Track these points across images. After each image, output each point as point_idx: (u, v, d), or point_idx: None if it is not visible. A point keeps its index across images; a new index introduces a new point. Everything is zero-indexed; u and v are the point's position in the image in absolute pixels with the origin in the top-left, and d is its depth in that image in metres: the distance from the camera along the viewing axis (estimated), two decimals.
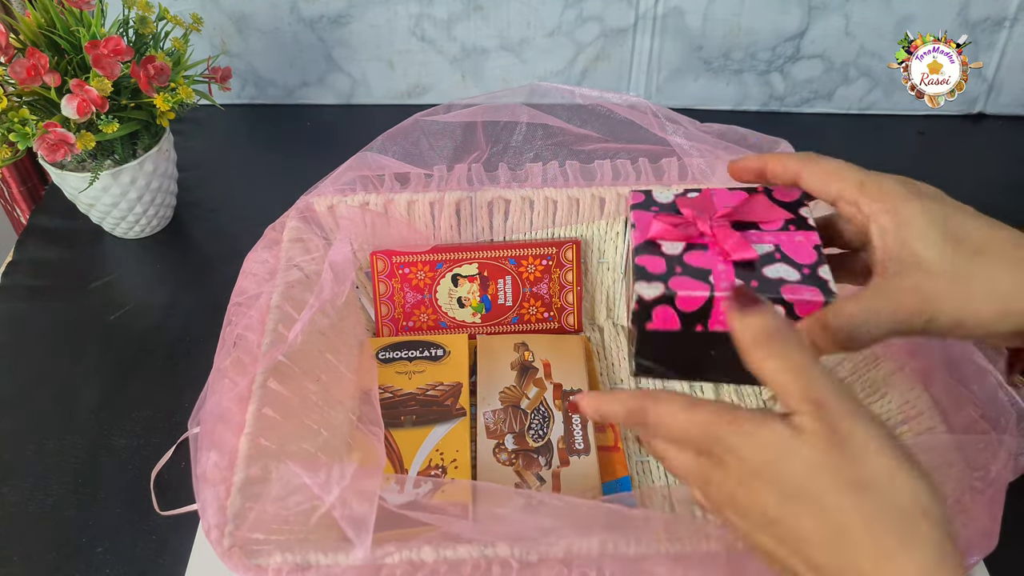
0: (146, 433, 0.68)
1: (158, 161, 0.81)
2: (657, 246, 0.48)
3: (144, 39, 0.78)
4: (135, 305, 0.80)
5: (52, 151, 0.70)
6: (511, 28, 0.97)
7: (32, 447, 0.68)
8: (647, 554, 0.46)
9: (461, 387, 0.67)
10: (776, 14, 0.94)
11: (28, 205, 0.98)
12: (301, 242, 0.66)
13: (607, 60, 0.99)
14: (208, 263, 0.85)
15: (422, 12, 0.96)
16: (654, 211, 0.51)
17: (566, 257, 0.73)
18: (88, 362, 0.74)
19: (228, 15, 0.96)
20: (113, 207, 0.81)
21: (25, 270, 0.83)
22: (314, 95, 1.04)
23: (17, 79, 0.69)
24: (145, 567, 0.60)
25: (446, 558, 0.46)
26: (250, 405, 0.54)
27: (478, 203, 0.71)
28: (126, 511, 0.63)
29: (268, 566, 0.46)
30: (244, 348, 0.56)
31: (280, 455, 0.52)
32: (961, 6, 0.93)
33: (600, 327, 0.76)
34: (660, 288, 0.45)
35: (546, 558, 0.46)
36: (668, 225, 0.49)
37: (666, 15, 0.95)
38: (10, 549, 0.61)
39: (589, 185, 0.70)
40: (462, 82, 1.02)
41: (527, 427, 0.65)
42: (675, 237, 0.48)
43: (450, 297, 0.73)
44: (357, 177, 0.69)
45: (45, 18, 0.72)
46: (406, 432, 0.64)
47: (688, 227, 0.49)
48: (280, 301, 0.60)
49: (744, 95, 1.02)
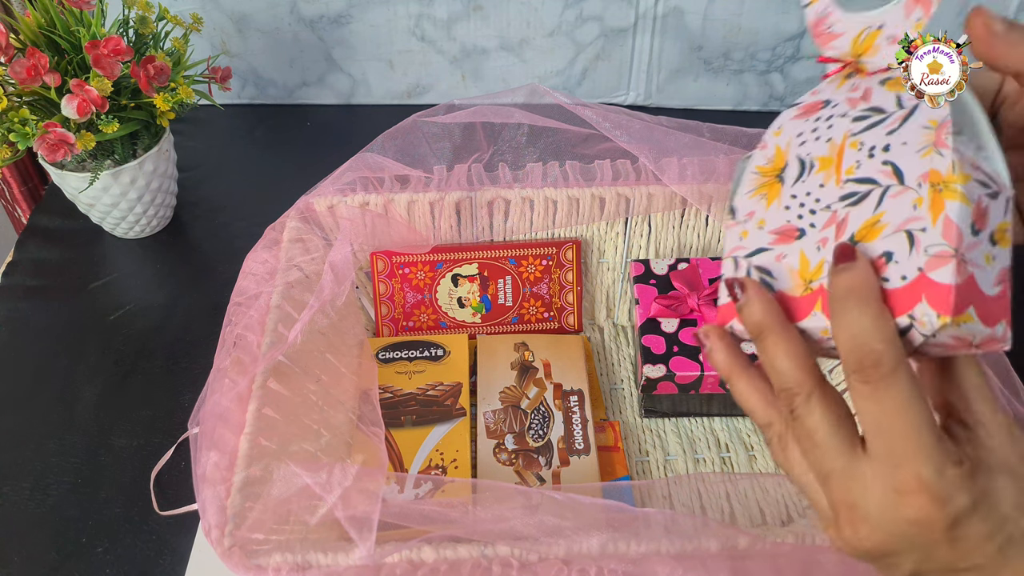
0: (146, 433, 0.68)
1: (158, 161, 0.81)
2: (657, 324, 0.68)
3: (144, 39, 0.78)
4: (135, 305, 0.80)
5: (52, 151, 0.70)
6: (511, 28, 0.97)
7: (32, 447, 0.68)
8: (647, 554, 0.46)
9: (461, 387, 0.67)
10: (776, 14, 0.94)
11: (28, 205, 0.98)
12: (301, 242, 0.66)
13: (607, 60, 0.99)
14: (208, 263, 0.85)
15: (422, 12, 0.96)
16: (652, 284, 0.70)
17: (566, 257, 0.73)
18: (88, 362, 0.74)
19: (228, 15, 0.96)
20: (113, 207, 0.81)
21: (25, 270, 0.83)
22: (314, 95, 1.04)
23: (17, 79, 0.69)
24: (145, 567, 0.60)
25: (446, 558, 0.46)
26: (250, 405, 0.54)
27: (478, 203, 0.71)
28: (126, 511, 0.63)
29: (268, 566, 0.46)
30: (244, 348, 0.56)
31: (280, 455, 0.52)
32: (961, 6, 0.93)
33: (600, 327, 0.76)
34: (663, 370, 0.65)
35: (546, 558, 0.47)
36: (664, 307, 0.68)
37: (666, 15, 0.95)
38: (10, 549, 0.61)
39: (589, 185, 0.70)
40: (462, 82, 1.02)
41: (527, 427, 0.65)
42: (671, 315, 0.68)
43: (450, 297, 0.73)
44: (357, 177, 0.69)
45: (45, 18, 0.72)
46: (406, 432, 0.64)
47: (680, 305, 0.68)
48: (280, 301, 0.61)
49: (744, 95, 1.02)
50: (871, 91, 0.42)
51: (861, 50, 0.44)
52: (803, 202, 0.42)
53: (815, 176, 0.42)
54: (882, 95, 0.41)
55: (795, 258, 0.41)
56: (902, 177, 0.39)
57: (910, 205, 0.37)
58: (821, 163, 0.43)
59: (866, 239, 0.38)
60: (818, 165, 0.43)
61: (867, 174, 0.40)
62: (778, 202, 0.43)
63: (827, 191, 0.41)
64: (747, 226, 0.44)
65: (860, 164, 0.40)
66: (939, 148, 0.37)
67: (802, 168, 0.43)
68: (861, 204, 0.40)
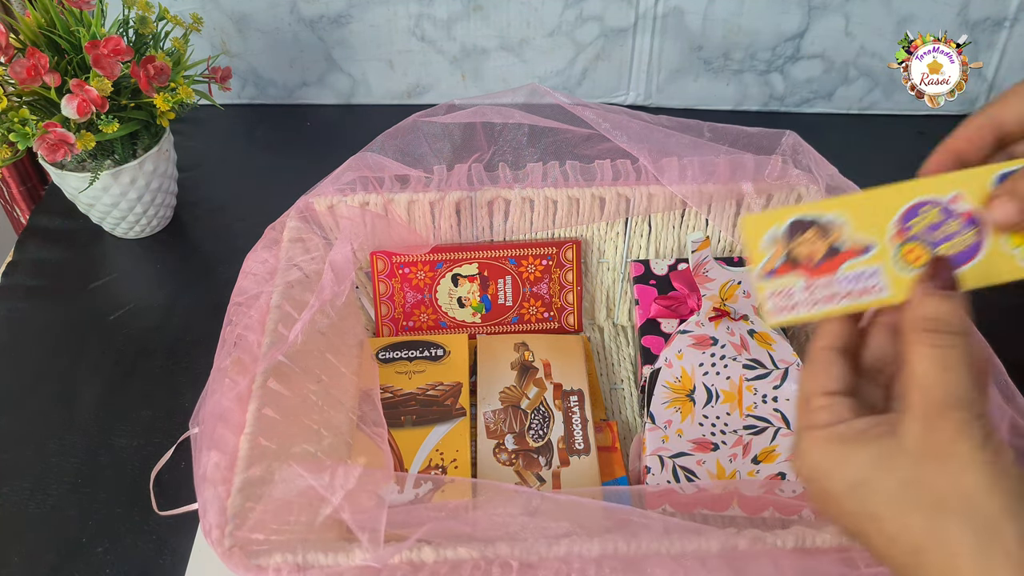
0: (146, 433, 0.68)
1: (158, 161, 0.81)
2: (657, 324, 0.69)
3: (144, 39, 0.78)
4: (135, 305, 0.80)
5: (52, 151, 0.70)
6: (511, 28, 0.97)
7: (32, 447, 0.68)
8: (647, 554, 0.46)
9: (461, 387, 0.67)
10: (776, 14, 0.94)
11: (28, 205, 0.98)
12: (301, 242, 0.66)
13: (607, 60, 0.99)
14: (208, 263, 0.85)
15: (422, 12, 0.96)
16: (652, 284, 0.71)
17: (566, 257, 0.73)
18: (88, 362, 0.74)
19: (228, 15, 0.96)
20: (113, 207, 0.81)
21: (25, 270, 0.83)
22: (314, 95, 1.04)
23: (17, 79, 0.69)
24: (145, 567, 0.60)
25: (446, 558, 0.46)
26: (250, 405, 0.54)
27: (478, 203, 0.71)
28: (126, 511, 0.63)
29: (268, 566, 0.46)
30: (244, 348, 0.56)
31: (281, 455, 0.52)
32: (961, 6, 0.93)
33: (600, 327, 0.76)
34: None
35: (546, 558, 0.46)
36: (664, 307, 0.69)
37: (666, 15, 0.95)
38: (10, 549, 0.61)
39: (589, 185, 0.70)
40: (462, 82, 1.02)
41: (527, 427, 0.65)
42: (670, 315, 0.69)
43: (450, 297, 0.73)
44: (357, 177, 0.69)
45: (45, 18, 0.72)
46: (406, 432, 0.64)
47: (680, 306, 0.69)
48: (280, 301, 0.60)
49: (744, 95, 1.02)
50: (747, 342, 0.64)
51: (726, 296, 0.66)
52: (714, 423, 0.61)
53: (722, 405, 0.61)
54: (757, 350, 0.63)
55: (712, 464, 0.59)
56: (789, 424, 0.60)
57: None
58: (725, 396, 0.61)
59: (765, 461, 0.59)
60: (723, 397, 0.61)
61: (763, 414, 0.61)
62: (692, 418, 0.61)
63: (733, 419, 0.61)
64: (668, 432, 0.60)
65: (757, 406, 0.61)
66: None
67: (709, 396, 0.61)
68: (760, 435, 0.60)
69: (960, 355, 0.34)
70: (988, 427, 0.33)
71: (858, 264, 0.39)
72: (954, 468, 0.32)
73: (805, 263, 0.40)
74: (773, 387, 0.62)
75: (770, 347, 0.64)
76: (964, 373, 0.34)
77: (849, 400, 0.37)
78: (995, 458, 0.32)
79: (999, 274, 0.38)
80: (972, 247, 0.38)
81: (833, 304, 0.39)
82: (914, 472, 0.33)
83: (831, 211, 0.40)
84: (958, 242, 0.38)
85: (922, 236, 0.38)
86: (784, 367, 0.63)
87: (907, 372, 0.35)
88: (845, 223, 0.39)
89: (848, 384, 0.38)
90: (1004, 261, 0.38)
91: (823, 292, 0.40)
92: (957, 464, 0.32)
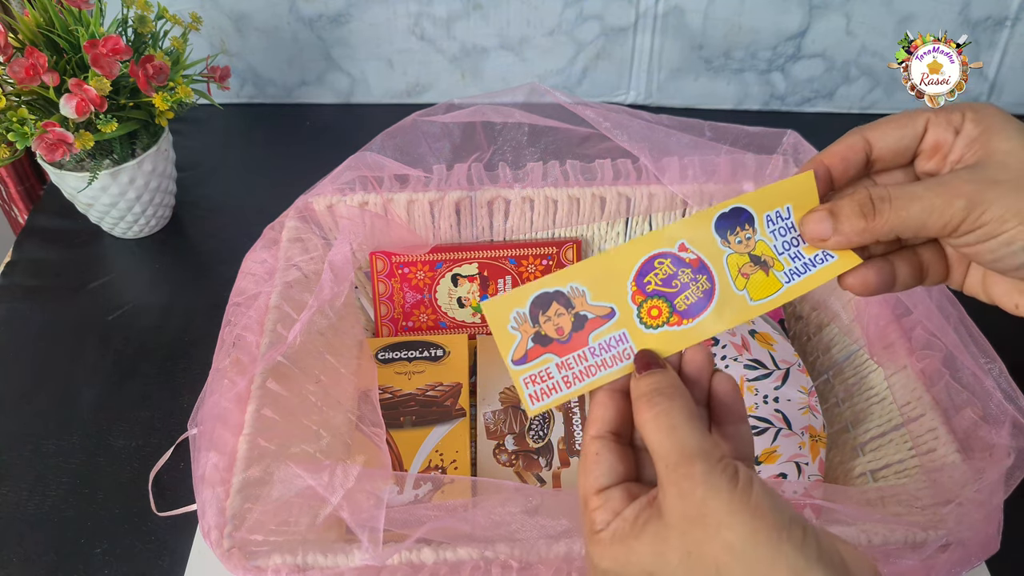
0: (145, 434, 0.68)
1: (157, 161, 0.81)
2: None
3: (143, 38, 0.78)
4: (134, 305, 0.80)
5: (51, 151, 0.70)
6: (511, 27, 0.96)
7: (31, 447, 0.67)
8: None
9: (461, 387, 0.67)
10: (777, 13, 0.94)
11: (26, 205, 0.98)
12: (300, 242, 0.66)
13: (607, 59, 0.99)
14: (207, 263, 0.85)
15: (421, 11, 0.95)
16: None
17: (566, 257, 0.73)
18: (87, 362, 0.74)
19: (227, 14, 0.96)
20: (112, 207, 0.81)
21: (24, 270, 0.83)
22: (313, 94, 1.03)
23: (16, 78, 0.69)
24: (144, 568, 0.60)
25: (446, 559, 0.46)
26: (249, 406, 0.53)
27: (478, 203, 0.70)
28: (126, 512, 0.63)
29: (267, 567, 0.46)
30: (243, 348, 0.56)
31: (280, 456, 0.52)
32: (962, 6, 0.93)
33: None
34: None
35: (546, 558, 0.46)
36: None
37: (667, 14, 0.95)
38: (9, 550, 0.61)
39: (590, 184, 0.70)
40: (462, 81, 1.02)
41: (527, 428, 0.65)
42: None
43: (450, 297, 0.72)
44: (356, 177, 0.69)
45: (44, 17, 0.72)
46: (406, 433, 0.64)
47: None
48: (279, 301, 0.60)
49: (745, 94, 1.01)
50: (748, 342, 0.64)
51: None
52: None
53: None
54: (758, 350, 0.63)
55: None
56: (790, 425, 0.60)
57: (796, 446, 0.59)
58: None
59: (767, 461, 0.59)
60: None
61: (764, 415, 0.60)
62: None
63: None
64: None
65: (758, 406, 0.61)
66: (813, 411, 0.61)
67: None
68: (762, 435, 0.59)
69: (680, 409, 0.34)
70: (730, 467, 0.33)
71: (604, 332, 0.38)
72: (713, 528, 0.32)
73: (555, 340, 0.38)
74: (774, 388, 0.62)
75: (771, 347, 0.64)
76: (690, 427, 0.34)
77: (621, 489, 0.36)
78: (745, 499, 0.32)
79: (733, 317, 0.38)
80: (707, 293, 0.38)
81: (591, 379, 0.38)
82: (686, 546, 0.32)
83: (570, 280, 0.38)
84: (692, 291, 0.38)
85: (659, 292, 0.38)
86: (785, 367, 0.62)
87: (649, 449, 0.35)
88: (586, 291, 0.38)
89: (621, 472, 0.36)
90: (735, 302, 0.38)
91: (579, 367, 0.38)
92: (714, 521, 0.32)
